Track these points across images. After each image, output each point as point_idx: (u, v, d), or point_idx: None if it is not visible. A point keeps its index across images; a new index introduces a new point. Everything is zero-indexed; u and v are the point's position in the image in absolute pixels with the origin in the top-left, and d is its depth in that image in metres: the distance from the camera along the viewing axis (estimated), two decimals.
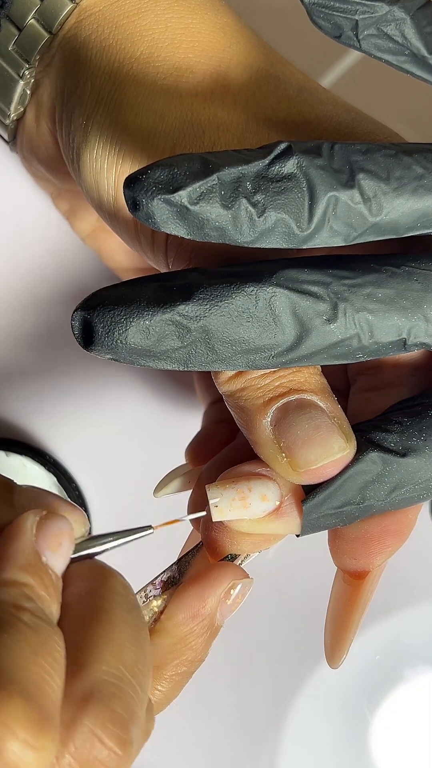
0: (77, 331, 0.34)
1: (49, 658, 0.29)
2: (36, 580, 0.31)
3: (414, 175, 0.34)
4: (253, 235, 0.33)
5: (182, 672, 0.37)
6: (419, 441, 0.36)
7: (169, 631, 0.37)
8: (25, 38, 0.42)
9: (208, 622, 0.37)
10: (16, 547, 0.32)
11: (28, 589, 0.31)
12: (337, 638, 0.41)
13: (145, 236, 0.38)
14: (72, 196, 0.50)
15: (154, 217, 0.32)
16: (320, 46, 0.43)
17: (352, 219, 0.34)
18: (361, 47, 0.36)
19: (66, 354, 0.54)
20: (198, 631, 0.37)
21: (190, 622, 0.37)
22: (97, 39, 0.41)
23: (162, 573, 0.38)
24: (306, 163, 0.33)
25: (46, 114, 0.43)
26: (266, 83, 0.40)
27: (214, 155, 0.33)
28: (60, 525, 0.32)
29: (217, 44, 0.41)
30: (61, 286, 0.54)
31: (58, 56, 0.42)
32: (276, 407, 0.36)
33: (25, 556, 0.31)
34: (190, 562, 0.39)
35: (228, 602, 0.37)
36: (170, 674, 0.36)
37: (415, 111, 0.55)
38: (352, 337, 0.35)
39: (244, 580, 0.38)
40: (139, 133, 0.38)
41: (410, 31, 0.36)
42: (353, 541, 0.38)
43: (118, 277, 0.53)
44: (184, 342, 0.34)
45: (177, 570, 0.39)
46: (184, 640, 0.37)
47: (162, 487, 0.45)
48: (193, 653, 0.37)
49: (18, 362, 0.54)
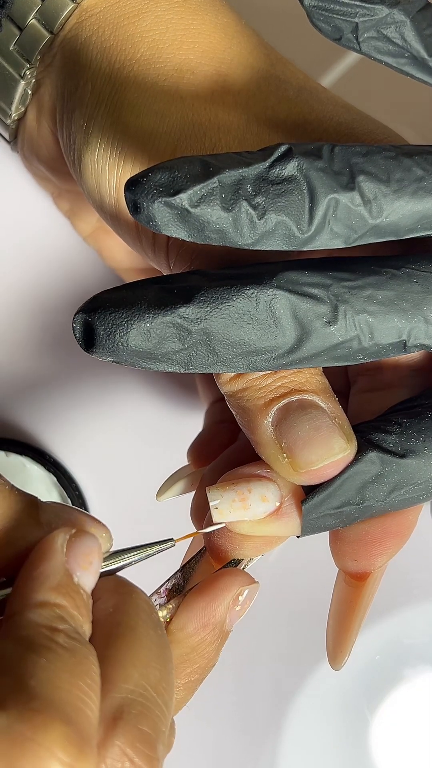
0: (78, 333, 0.34)
1: (87, 680, 0.30)
2: (68, 600, 0.31)
3: (414, 177, 0.34)
4: (254, 237, 0.33)
5: (195, 679, 0.37)
6: (418, 442, 0.36)
7: (181, 641, 0.37)
8: (26, 38, 0.42)
9: (219, 629, 0.37)
10: (47, 567, 0.32)
11: (62, 610, 0.31)
12: (339, 639, 0.41)
13: (146, 238, 0.38)
14: (73, 196, 0.50)
15: (154, 219, 0.32)
16: (320, 46, 0.43)
17: (353, 221, 0.34)
18: (361, 50, 0.36)
19: (66, 354, 0.54)
20: (209, 639, 0.37)
21: (201, 632, 0.37)
22: (98, 40, 0.41)
23: (166, 581, 0.38)
24: (306, 165, 0.33)
25: (47, 114, 0.43)
26: (267, 84, 0.40)
27: (214, 158, 0.33)
28: (90, 543, 0.33)
29: (217, 45, 0.41)
30: (62, 286, 0.54)
31: (59, 56, 0.42)
32: (277, 407, 0.36)
33: (57, 576, 0.32)
34: (194, 568, 0.39)
35: (237, 608, 0.37)
36: (184, 682, 0.37)
37: (416, 111, 0.55)
38: (352, 338, 0.35)
39: (251, 585, 0.38)
40: (140, 135, 0.38)
41: (410, 33, 0.36)
42: (354, 543, 0.38)
43: (119, 276, 0.53)
44: (185, 344, 0.34)
45: (181, 577, 0.39)
46: (196, 649, 0.37)
47: (164, 490, 0.45)
48: (205, 661, 0.37)
49: (18, 362, 0.54)
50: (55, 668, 0.29)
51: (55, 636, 0.30)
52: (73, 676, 0.29)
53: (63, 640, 0.30)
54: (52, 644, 0.30)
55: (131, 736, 0.30)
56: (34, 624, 0.30)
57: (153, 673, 0.32)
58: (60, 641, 0.30)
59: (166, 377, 0.55)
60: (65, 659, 0.30)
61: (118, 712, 0.30)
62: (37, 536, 0.33)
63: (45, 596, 0.31)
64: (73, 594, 0.32)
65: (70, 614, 0.31)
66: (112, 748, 0.30)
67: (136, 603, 0.33)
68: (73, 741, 0.28)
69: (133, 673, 0.31)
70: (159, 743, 0.31)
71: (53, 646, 0.30)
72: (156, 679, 0.32)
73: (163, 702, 0.32)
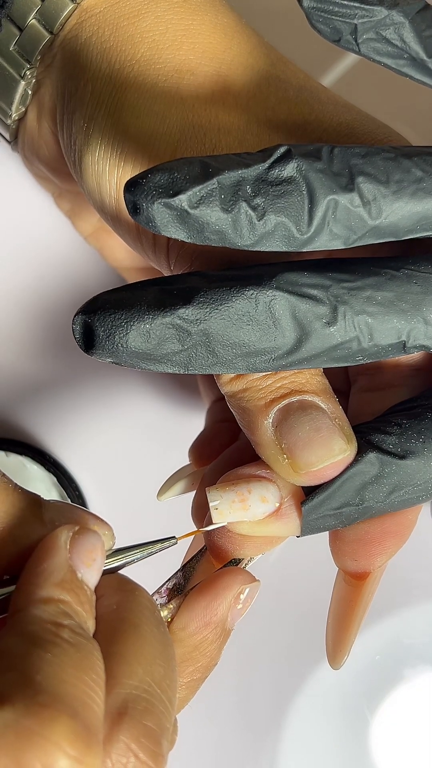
0: (78, 335, 0.34)
1: (92, 674, 0.30)
2: (72, 596, 0.31)
3: (413, 178, 0.34)
4: (253, 238, 0.33)
5: (197, 678, 0.37)
6: (418, 443, 0.36)
7: (183, 640, 0.37)
8: (26, 38, 0.42)
9: (220, 628, 0.37)
10: (51, 563, 0.32)
11: (66, 606, 0.31)
12: (339, 639, 0.41)
13: (146, 238, 0.38)
14: (73, 196, 0.50)
15: (154, 220, 0.32)
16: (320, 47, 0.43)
17: (352, 222, 0.34)
18: (360, 51, 0.36)
19: (67, 354, 0.54)
20: (211, 638, 0.37)
21: (203, 631, 0.37)
22: (98, 41, 0.41)
23: (167, 581, 0.38)
24: (306, 166, 0.33)
25: (48, 115, 0.43)
26: (267, 84, 0.40)
27: (213, 159, 0.33)
28: (93, 540, 0.33)
29: (217, 45, 0.41)
30: (63, 286, 0.54)
31: (59, 57, 0.42)
32: (278, 408, 0.36)
33: (61, 573, 0.32)
34: (195, 567, 0.39)
35: (238, 607, 0.37)
36: (186, 681, 0.37)
37: (415, 111, 0.55)
38: (351, 339, 0.35)
39: (252, 584, 0.38)
40: (140, 136, 0.38)
41: (409, 34, 0.36)
42: (354, 543, 0.38)
43: (120, 276, 0.53)
44: (184, 345, 0.34)
45: (182, 576, 0.39)
46: (198, 648, 0.37)
47: (165, 490, 0.45)
48: (207, 659, 0.37)
49: (19, 362, 0.54)
50: (61, 663, 0.29)
51: (59, 631, 0.30)
52: (78, 670, 0.29)
53: (68, 635, 0.30)
54: (57, 639, 0.30)
55: (136, 732, 0.30)
56: (38, 619, 0.30)
57: (157, 670, 0.32)
58: (65, 636, 0.30)
59: (167, 377, 0.55)
60: (70, 654, 0.30)
61: (122, 708, 0.31)
62: (41, 534, 0.33)
63: (49, 592, 0.31)
64: (77, 590, 0.32)
65: (75, 610, 0.31)
66: (117, 743, 0.30)
67: (139, 600, 0.33)
68: (81, 735, 0.28)
69: (137, 670, 0.31)
70: (163, 739, 0.31)
71: (58, 641, 0.30)
72: (160, 676, 0.32)
73: (167, 698, 0.32)
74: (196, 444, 0.45)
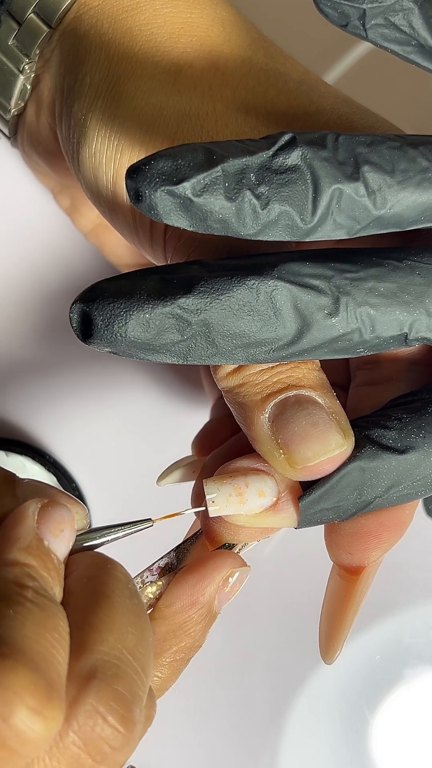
0: (76, 323, 0.33)
1: (54, 633, 0.30)
2: (38, 561, 0.32)
3: (419, 167, 0.34)
4: (257, 227, 0.33)
5: (180, 658, 0.37)
6: (418, 438, 0.36)
7: (168, 618, 0.37)
8: (24, 33, 0.42)
9: (206, 609, 0.37)
10: (18, 530, 0.33)
11: (31, 569, 0.32)
12: (332, 634, 0.41)
13: (143, 230, 0.38)
14: (73, 192, 0.50)
15: (156, 208, 0.32)
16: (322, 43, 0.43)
17: (356, 212, 0.33)
18: (368, 37, 0.36)
19: (67, 353, 0.54)
20: (196, 619, 0.37)
21: (188, 610, 0.37)
22: (96, 34, 0.40)
23: (160, 559, 0.38)
24: (310, 155, 0.33)
25: (47, 109, 0.42)
26: (266, 77, 0.40)
27: (217, 145, 0.32)
28: (61, 512, 0.33)
29: (216, 38, 0.40)
30: (62, 283, 0.53)
31: (57, 51, 0.41)
32: (274, 403, 0.36)
33: (27, 539, 0.32)
34: (189, 549, 0.39)
35: (226, 590, 0.37)
36: (168, 660, 0.37)
37: (417, 108, 0.55)
38: (353, 331, 0.34)
39: (242, 568, 0.38)
40: (137, 128, 0.38)
41: (418, 21, 0.36)
42: (349, 536, 0.38)
43: (120, 272, 0.52)
44: (184, 335, 0.33)
45: (175, 557, 0.39)
46: (183, 627, 0.37)
47: (165, 476, 0.45)
48: (191, 640, 0.37)
49: (19, 361, 0.54)
50: (23, 619, 0.30)
51: (23, 591, 0.31)
52: (41, 628, 0.30)
53: (31, 595, 0.31)
54: (20, 599, 0.30)
55: (105, 695, 0.30)
56: (2, 579, 0.31)
57: (129, 638, 0.32)
58: (28, 596, 0.31)
59: (168, 375, 0.55)
60: (33, 612, 0.30)
61: (91, 672, 0.31)
62: (12, 508, 0.34)
63: (15, 555, 0.32)
64: (43, 556, 0.32)
65: (40, 574, 0.32)
66: (84, 705, 0.30)
67: (112, 573, 0.34)
68: (41, 688, 0.28)
69: (108, 637, 0.32)
70: (135, 706, 0.31)
71: (21, 600, 0.30)
72: (132, 644, 0.32)
73: (140, 666, 0.32)
74: (199, 435, 0.45)
